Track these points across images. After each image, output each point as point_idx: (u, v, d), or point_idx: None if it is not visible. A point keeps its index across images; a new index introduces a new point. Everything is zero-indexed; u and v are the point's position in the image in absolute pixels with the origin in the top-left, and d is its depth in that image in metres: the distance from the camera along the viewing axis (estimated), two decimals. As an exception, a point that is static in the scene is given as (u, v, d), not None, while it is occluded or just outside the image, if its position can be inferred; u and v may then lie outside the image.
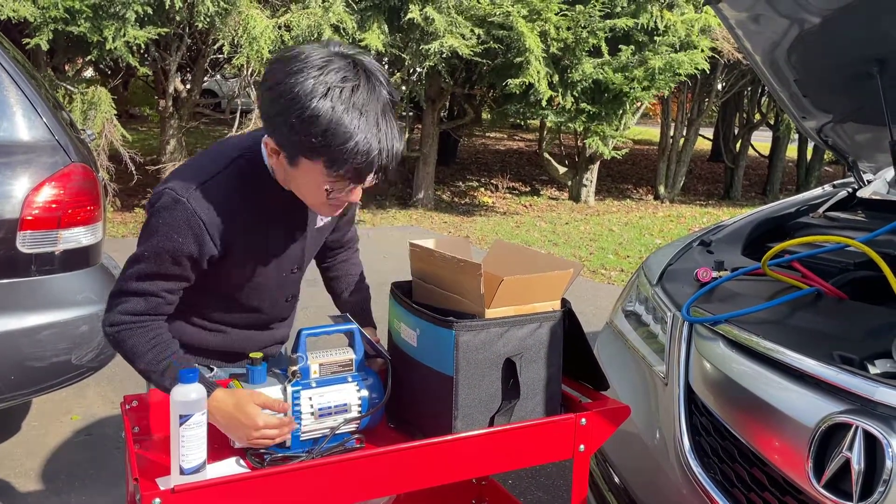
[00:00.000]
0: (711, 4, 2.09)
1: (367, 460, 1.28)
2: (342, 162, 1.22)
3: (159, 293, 1.38)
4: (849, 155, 2.54)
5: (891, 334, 1.41)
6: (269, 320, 1.62)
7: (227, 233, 1.36)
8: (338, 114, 1.18)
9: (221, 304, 1.53)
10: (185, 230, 1.32)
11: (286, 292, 1.59)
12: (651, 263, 2.22)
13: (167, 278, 1.37)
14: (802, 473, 1.32)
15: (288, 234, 1.48)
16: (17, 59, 2.72)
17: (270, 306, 1.58)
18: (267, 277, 1.50)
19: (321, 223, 1.55)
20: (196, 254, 1.34)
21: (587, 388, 1.56)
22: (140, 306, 1.37)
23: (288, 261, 1.51)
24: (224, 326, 1.57)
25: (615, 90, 7.73)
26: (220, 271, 1.41)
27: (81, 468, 2.81)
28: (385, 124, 1.23)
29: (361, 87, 1.21)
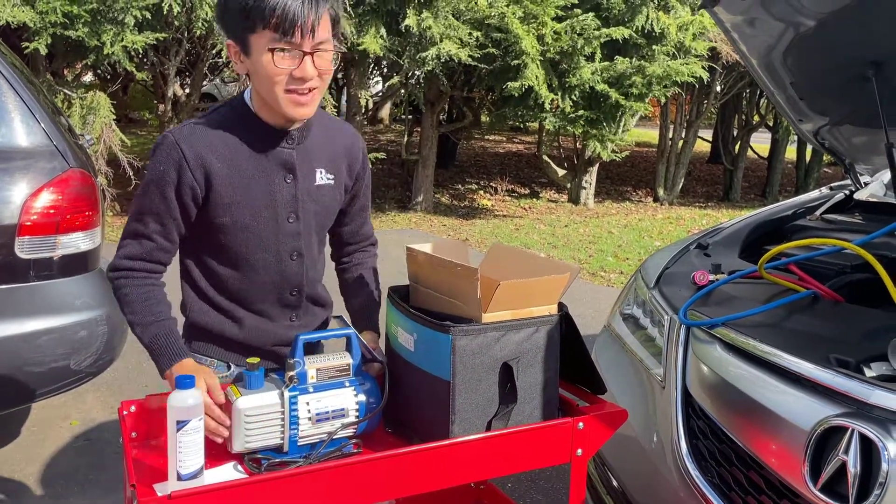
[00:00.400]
0: (707, 8, 2.09)
1: (365, 465, 1.28)
2: (270, 14, 1.32)
3: (151, 235, 1.46)
4: (846, 157, 2.54)
5: (887, 337, 1.41)
6: (280, 286, 1.57)
7: (208, 164, 1.44)
8: None
9: (228, 262, 1.52)
10: (167, 160, 1.43)
11: (288, 245, 1.54)
12: (648, 266, 2.22)
13: (157, 217, 1.45)
14: (799, 477, 1.32)
15: (273, 176, 1.49)
16: (16, 64, 2.72)
17: (276, 261, 1.54)
18: (259, 221, 1.49)
19: (321, 180, 1.55)
20: (176, 182, 1.43)
21: (585, 392, 1.56)
22: (135, 250, 1.47)
23: (281, 206, 1.50)
24: (240, 308, 1.56)
25: (611, 102, 7.75)
26: (210, 212, 1.47)
27: (80, 473, 2.81)
28: None
29: None
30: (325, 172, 1.56)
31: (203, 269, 1.55)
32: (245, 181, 1.47)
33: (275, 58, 1.37)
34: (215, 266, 1.54)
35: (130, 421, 1.43)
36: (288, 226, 1.53)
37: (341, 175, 1.60)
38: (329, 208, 1.60)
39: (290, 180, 1.51)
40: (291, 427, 1.38)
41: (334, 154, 1.59)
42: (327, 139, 1.58)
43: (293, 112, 1.43)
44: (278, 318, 1.61)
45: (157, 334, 1.45)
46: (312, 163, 1.54)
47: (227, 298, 1.56)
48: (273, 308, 1.59)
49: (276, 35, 1.34)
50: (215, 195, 1.45)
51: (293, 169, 1.51)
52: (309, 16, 1.34)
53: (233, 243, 1.50)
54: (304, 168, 1.53)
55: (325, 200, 1.58)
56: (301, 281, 1.60)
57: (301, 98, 1.42)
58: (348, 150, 1.61)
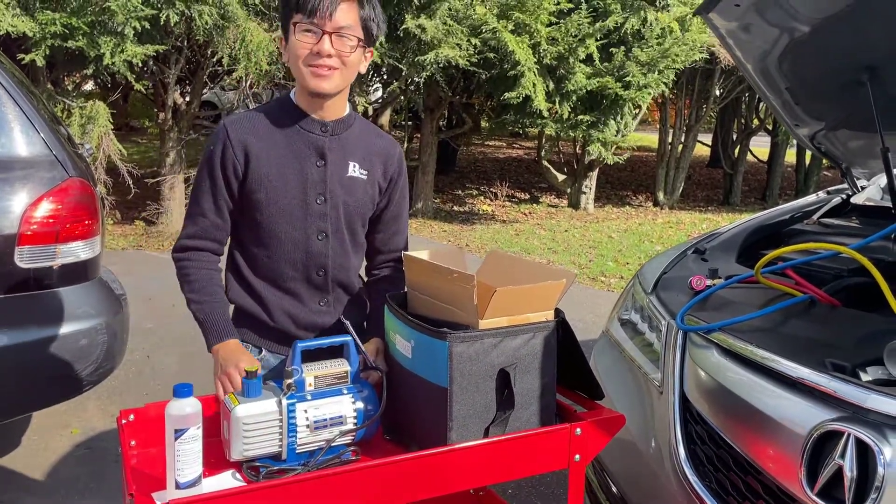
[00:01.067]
0: (702, 14, 2.10)
1: (363, 472, 1.29)
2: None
3: (206, 213, 1.63)
4: (842, 161, 2.55)
5: (883, 341, 1.42)
6: (307, 264, 1.66)
7: (248, 144, 1.60)
8: None
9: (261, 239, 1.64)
10: (216, 141, 1.62)
11: (315, 225, 1.65)
12: (646, 272, 2.23)
13: (209, 195, 1.62)
14: (796, 481, 1.32)
15: (306, 159, 1.63)
16: (15, 74, 2.74)
17: (304, 239, 1.64)
18: (290, 199, 1.62)
19: (353, 172, 1.67)
20: (221, 159, 1.60)
21: (582, 398, 1.56)
22: (192, 229, 1.64)
23: (310, 187, 1.63)
24: (271, 287, 1.67)
25: (611, 95, 7.75)
26: (248, 188, 1.61)
27: (81, 482, 2.81)
28: None
29: None
30: (358, 167, 1.68)
31: (241, 250, 1.68)
32: (280, 161, 1.62)
33: (297, 34, 1.55)
34: (252, 244, 1.66)
35: (129, 429, 1.44)
36: (316, 206, 1.64)
37: (375, 173, 1.71)
38: (360, 201, 1.69)
39: (320, 164, 1.64)
40: (290, 435, 1.38)
41: (370, 153, 1.70)
42: (365, 139, 1.71)
43: (313, 84, 1.58)
44: (308, 300, 1.69)
45: (210, 312, 1.60)
46: (346, 154, 1.66)
47: (259, 277, 1.67)
48: (301, 287, 1.68)
49: (302, 16, 1.53)
50: (252, 172, 1.60)
51: (324, 154, 1.64)
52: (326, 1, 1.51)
53: (265, 219, 1.63)
54: (335, 156, 1.65)
55: (356, 192, 1.68)
56: (326, 262, 1.68)
57: (320, 70, 1.56)
58: (385, 152, 1.73)
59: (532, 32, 7.29)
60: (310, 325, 1.70)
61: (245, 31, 6.24)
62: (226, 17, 6.18)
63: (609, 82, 7.60)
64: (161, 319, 4.43)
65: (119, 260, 5.89)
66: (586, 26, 7.44)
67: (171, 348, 4.12)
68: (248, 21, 6.33)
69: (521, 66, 7.09)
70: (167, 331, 4.27)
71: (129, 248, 6.66)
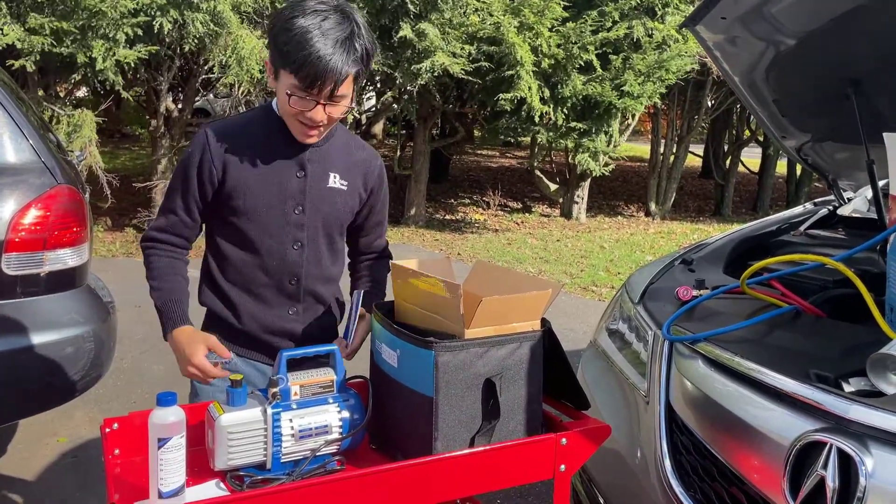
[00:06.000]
0: (689, 27, 2.12)
1: (348, 482, 1.28)
2: (299, 67, 1.48)
3: (176, 210, 1.65)
4: (829, 173, 2.57)
5: (866, 352, 1.42)
6: (280, 271, 1.67)
7: (228, 152, 1.61)
8: (305, 30, 1.47)
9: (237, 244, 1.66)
10: (195, 146, 1.63)
11: (291, 234, 1.66)
12: (633, 282, 2.24)
13: (181, 194, 1.64)
14: (779, 492, 1.33)
15: (286, 169, 1.63)
16: (5, 81, 2.73)
17: (279, 247, 1.65)
18: (268, 208, 1.63)
19: (333, 184, 1.68)
20: (198, 164, 1.61)
21: (568, 408, 1.56)
22: (161, 222, 1.67)
23: (289, 197, 1.64)
24: (240, 290, 1.68)
25: (605, 104, 7.80)
26: (225, 195, 1.62)
27: (67, 491, 2.79)
28: (341, 50, 1.48)
29: (332, 19, 1.49)
30: (338, 178, 1.69)
31: (215, 254, 1.69)
32: (260, 171, 1.62)
33: (289, 91, 1.52)
34: (226, 248, 1.67)
35: (113, 438, 1.43)
36: (294, 216, 1.65)
37: (355, 184, 1.72)
38: (339, 211, 1.71)
39: (300, 175, 1.64)
40: (274, 444, 1.38)
41: (351, 164, 1.71)
42: (346, 151, 1.72)
43: (300, 138, 1.61)
44: (276, 305, 1.70)
45: (167, 300, 1.62)
46: (326, 166, 1.67)
47: (230, 280, 1.68)
48: (272, 293, 1.69)
49: (299, 85, 1.50)
50: (230, 179, 1.61)
51: (305, 166, 1.65)
52: (330, 79, 1.49)
53: (242, 226, 1.64)
54: (316, 168, 1.66)
55: (335, 202, 1.69)
56: (300, 271, 1.69)
57: (309, 131, 1.59)
58: (365, 164, 1.74)
59: (536, 34, 7.34)
60: (278, 331, 1.71)
61: (237, 38, 6.25)
62: (218, 24, 6.18)
63: (606, 89, 7.65)
64: (149, 327, 4.41)
65: (109, 267, 5.86)
66: (588, 35, 7.50)
67: (159, 356, 4.10)
68: (241, 28, 6.35)
69: (520, 66, 7.13)
70: (156, 339, 4.25)
71: (119, 256, 6.63)
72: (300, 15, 1.48)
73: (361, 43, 1.51)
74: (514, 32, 7.11)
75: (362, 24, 1.54)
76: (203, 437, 1.42)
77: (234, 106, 7.34)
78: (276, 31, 1.52)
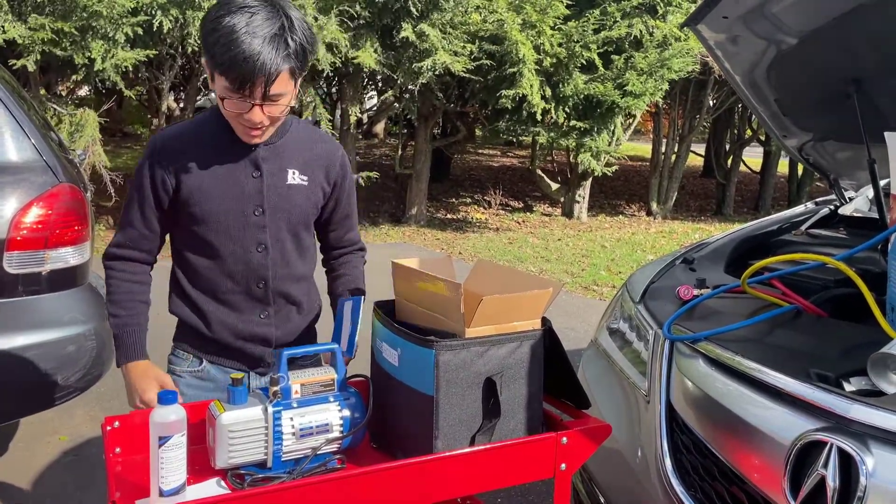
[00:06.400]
0: (690, 26, 2.12)
1: (349, 481, 1.28)
2: (228, 69, 1.42)
3: (134, 222, 1.62)
4: (830, 173, 2.57)
5: (867, 352, 1.42)
6: (246, 276, 1.63)
7: (180, 159, 1.57)
8: (232, 29, 1.40)
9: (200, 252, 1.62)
10: (147, 156, 1.59)
11: (253, 237, 1.61)
12: (634, 281, 2.24)
13: (139, 205, 1.60)
14: (779, 491, 1.33)
15: (241, 171, 1.59)
16: (6, 79, 2.74)
17: (242, 251, 1.61)
18: (227, 212, 1.59)
19: (292, 181, 1.63)
20: (151, 174, 1.57)
21: (569, 407, 1.56)
22: (120, 238, 1.64)
23: (247, 199, 1.59)
24: (209, 299, 1.64)
25: (606, 103, 7.80)
26: (182, 203, 1.58)
27: (68, 490, 2.79)
28: (270, 47, 1.41)
29: (260, 15, 1.42)
30: (297, 174, 1.63)
31: (181, 262, 1.66)
32: (214, 175, 1.58)
33: (225, 103, 1.48)
34: (189, 256, 1.63)
35: (114, 436, 1.43)
36: (253, 218, 1.61)
37: (317, 179, 1.66)
38: (302, 208, 1.66)
39: (256, 175, 1.59)
40: (275, 442, 1.38)
41: (310, 158, 1.65)
42: (304, 145, 1.65)
43: (244, 139, 1.56)
44: (246, 310, 1.66)
45: (124, 330, 1.61)
46: (283, 163, 1.62)
47: (197, 288, 1.65)
48: (240, 299, 1.65)
49: (230, 87, 1.44)
50: (185, 187, 1.57)
51: (259, 165, 1.59)
52: (260, 79, 1.42)
53: (203, 233, 1.60)
54: (272, 166, 1.61)
55: (297, 200, 1.64)
56: (266, 274, 1.64)
57: (251, 132, 1.53)
58: (326, 156, 1.68)
59: (538, 32, 7.34)
60: (250, 336, 1.67)
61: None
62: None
63: (609, 88, 7.65)
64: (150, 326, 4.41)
65: (110, 266, 5.86)
66: (590, 34, 7.50)
67: (159, 356, 4.10)
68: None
69: (522, 63, 7.13)
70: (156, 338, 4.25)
71: (120, 254, 6.63)
72: (227, 13, 1.41)
73: (294, 38, 1.44)
74: (517, 30, 7.11)
75: (296, 17, 1.46)
76: (204, 436, 1.42)
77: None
78: (205, 32, 1.45)
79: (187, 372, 1.70)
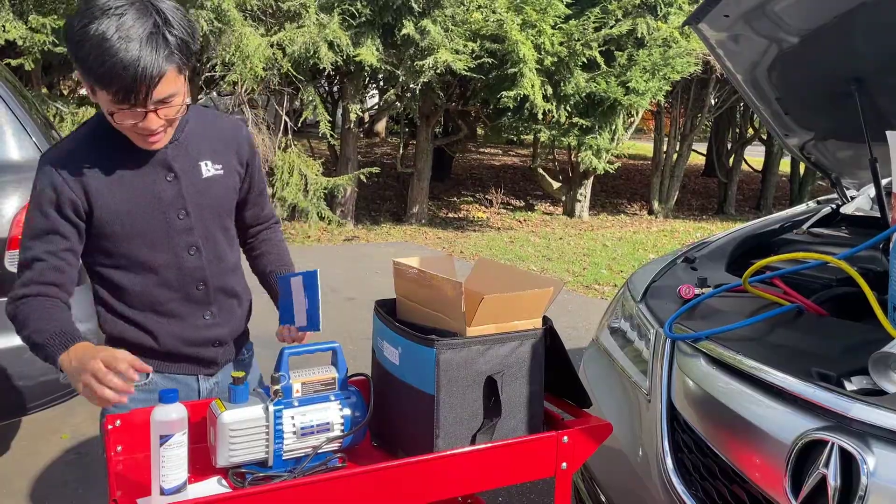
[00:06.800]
0: (691, 24, 2.12)
1: (350, 479, 1.28)
2: (109, 82, 1.31)
3: (40, 256, 1.44)
4: (832, 172, 2.56)
5: (868, 351, 1.42)
6: (183, 282, 1.55)
7: (85, 177, 1.45)
8: (102, 36, 1.29)
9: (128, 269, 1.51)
10: (44, 180, 1.45)
11: (182, 242, 1.54)
12: (635, 280, 2.24)
13: (42, 237, 1.45)
14: (780, 491, 1.33)
15: (153, 176, 1.49)
16: (8, 78, 2.74)
17: (174, 259, 1.53)
18: (148, 223, 1.49)
19: (208, 173, 1.55)
20: (55, 199, 1.43)
21: (570, 406, 1.56)
22: (27, 276, 1.45)
23: (168, 205, 1.51)
24: (150, 314, 1.55)
25: (608, 101, 7.79)
26: (98, 223, 1.47)
27: (70, 487, 2.80)
28: (149, 49, 1.31)
29: (130, 16, 1.31)
30: (210, 164, 1.56)
31: (107, 284, 1.54)
32: (126, 187, 1.47)
33: (116, 117, 1.37)
34: (118, 277, 1.53)
35: (115, 435, 1.43)
36: (179, 223, 1.52)
37: (231, 164, 1.60)
38: (223, 199, 1.60)
39: (171, 178, 1.51)
40: (276, 441, 1.38)
41: (218, 145, 1.58)
42: (207, 132, 1.57)
43: (145, 147, 1.46)
44: (189, 317, 1.59)
45: (52, 332, 1.39)
46: (194, 157, 1.54)
47: (135, 307, 1.55)
48: (182, 307, 1.57)
49: (115, 99, 1.34)
50: (98, 206, 1.46)
51: (171, 166, 1.51)
52: (144, 85, 1.32)
53: (127, 250, 1.50)
54: (184, 164, 1.52)
55: (216, 192, 1.57)
56: (204, 275, 1.58)
57: (150, 138, 1.44)
58: (232, 138, 1.61)
59: (538, 31, 7.33)
60: (199, 340, 1.61)
61: (241, 35, 6.25)
62: (222, 21, 6.19)
63: (612, 86, 7.64)
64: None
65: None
66: (591, 32, 7.50)
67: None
68: (244, 26, 6.35)
69: (523, 63, 7.13)
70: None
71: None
72: (92, 20, 1.30)
73: (173, 32, 1.34)
74: (516, 30, 7.11)
75: (169, 10, 1.36)
76: (205, 434, 1.42)
77: (237, 104, 7.35)
78: (73, 44, 1.32)
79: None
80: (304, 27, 6.55)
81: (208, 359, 1.65)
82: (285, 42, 6.50)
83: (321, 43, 6.51)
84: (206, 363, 1.65)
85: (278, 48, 6.54)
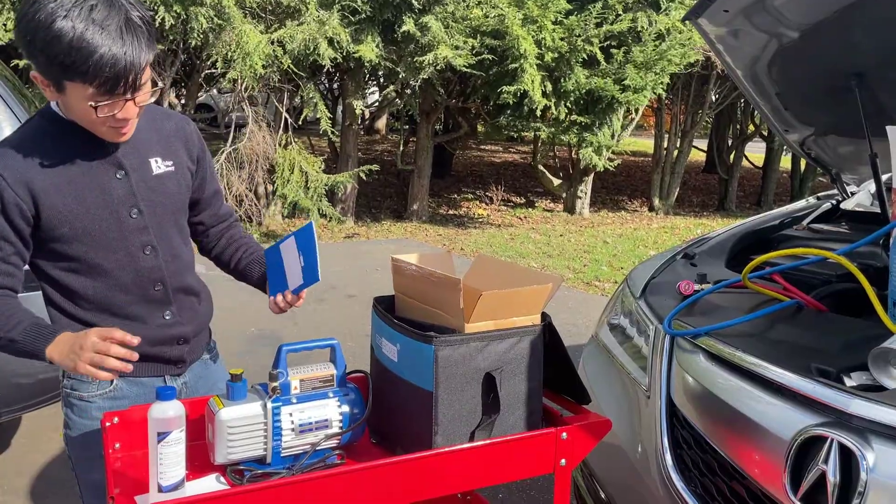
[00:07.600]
0: (691, 20, 2.11)
1: (348, 476, 1.28)
2: (93, 76, 1.28)
3: None
4: (832, 167, 2.56)
5: (868, 347, 1.42)
6: (140, 283, 1.51)
7: (30, 179, 1.40)
8: (79, 31, 1.26)
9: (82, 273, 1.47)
10: None
11: (137, 241, 1.49)
12: (635, 276, 2.23)
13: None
14: (780, 487, 1.32)
15: (103, 175, 1.45)
16: (7, 76, 2.74)
17: (129, 260, 1.49)
18: (99, 223, 1.45)
19: (158, 170, 1.52)
20: (0, 202, 1.38)
21: (569, 402, 1.56)
22: None
23: (119, 204, 1.46)
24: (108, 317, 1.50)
25: (608, 97, 7.78)
26: (47, 226, 1.42)
27: (69, 485, 2.79)
28: (131, 38, 1.30)
29: (100, 6, 1.29)
30: (160, 161, 1.53)
31: (61, 289, 1.49)
32: (74, 188, 1.43)
33: (98, 111, 1.34)
34: (71, 280, 1.48)
35: (113, 432, 1.43)
36: (131, 221, 1.48)
37: (181, 160, 1.57)
38: (176, 195, 1.56)
39: (121, 176, 1.47)
40: (275, 438, 1.38)
41: (166, 140, 1.55)
42: (155, 127, 1.54)
43: (115, 140, 1.43)
44: (149, 318, 1.54)
45: (26, 328, 1.39)
46: (143, 153, 1.51)
47: (92, 311, 1.50)
48: (141, 308, 1.53)
49: (99, 91, 1.31)
50: (45, 208, 1.41)
51: (121, 163, 1.47)
52: (132, 74, 1.31)
53: (79, 252, 1.45)
54: (134, 161, 1.49)
55: (169, 189, 1.54)
56: (162, 274, 1.54)
57: (121, 130, 1.41)
58: (181, 133, 1.58)
59: (539, 27, 7.32)
60: (162, 338, 1.57)
61: (241, 33, 6.24)
62: (222, 18, 6.18)
63: (609, 84, 7.63)
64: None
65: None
66: (592, 28, 7.48)
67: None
68: (244, 23, 6.34)
69: (523, 59, 7.11)
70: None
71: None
72: (60, 15, 1.26)
73: (142, 17, 1.34)
74: (518, 25, 7.09)
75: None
76: (203, 432, 1.42)
77: (238, 101, 7.34)
78: (38, 41, 1.28)
79: (97, 396, 1.55)
80: (303, 24, 6.54)
81: (174, 357, 1.61)
82: (285, 39, 6.49)
83: (321, 40, 6.50)
84: (172, 362, 1.61)
85: (278, 45, 6.53)
